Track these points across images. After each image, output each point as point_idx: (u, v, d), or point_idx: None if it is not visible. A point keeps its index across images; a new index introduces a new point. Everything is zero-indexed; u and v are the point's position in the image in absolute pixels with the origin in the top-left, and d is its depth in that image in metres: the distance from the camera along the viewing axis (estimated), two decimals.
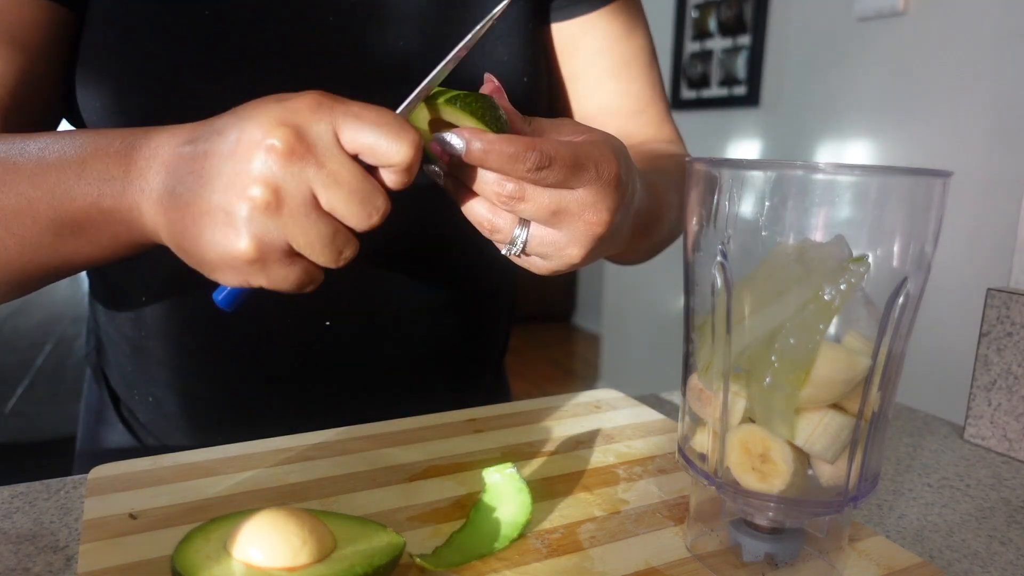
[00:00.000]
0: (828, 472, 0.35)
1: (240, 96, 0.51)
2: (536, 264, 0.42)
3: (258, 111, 0.35)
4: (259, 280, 0.37)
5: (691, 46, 2.41)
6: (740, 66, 2.19)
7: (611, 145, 0.40)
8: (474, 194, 0.40)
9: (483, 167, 0.37)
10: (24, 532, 0.41)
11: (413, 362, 0.62)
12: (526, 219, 0.40)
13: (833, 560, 0.38)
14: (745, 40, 2.17)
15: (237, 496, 0.43)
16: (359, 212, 0.35)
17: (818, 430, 0.34)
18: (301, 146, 0.34)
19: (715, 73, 2.31)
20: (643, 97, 0.67)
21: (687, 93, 2.43)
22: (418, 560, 0.36)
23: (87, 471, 0.47)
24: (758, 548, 0.37)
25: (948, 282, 1.52)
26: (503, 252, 0.41)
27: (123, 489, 0.43)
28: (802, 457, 0.35)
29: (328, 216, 0.35)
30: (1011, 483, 0.53)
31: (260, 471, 0.46)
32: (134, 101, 0.50)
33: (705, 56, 2.34)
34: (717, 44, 2.29)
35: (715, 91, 2.31)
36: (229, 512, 0.38)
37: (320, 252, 0.36)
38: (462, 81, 0.56)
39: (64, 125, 0.57)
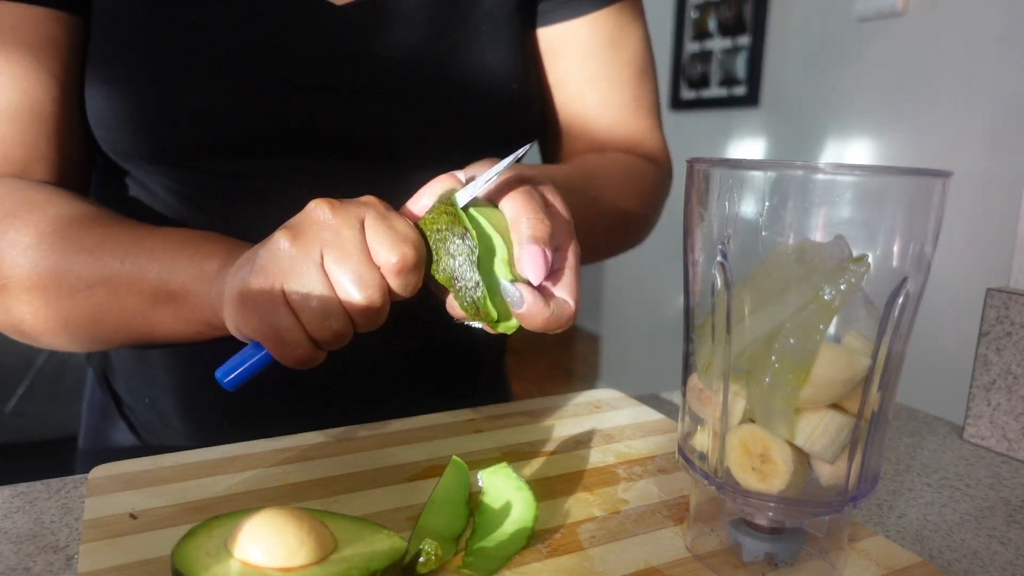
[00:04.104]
0: (828, 472, 0.35)
1: (238, 100, 0.51)
2: None
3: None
4: (252, 322, 0.41)
5: (691, 46, 2.41)
6: (740, 66, 2.19)
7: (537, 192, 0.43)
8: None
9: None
10: (24, 532, 0.41)
11: (412, 361, 0.62)
12: None
13: (833, 560, 0.38)
14: (745, 40, 2.17)
15: (237, 496, 0.43)
16: (348, 283, 0.38)
17: (818, 430, 0.34)
18: (331, 212, 0.39)
19: (715, 73, 2.31)
20: (625, 109, 0.66)
21: (687, 93, 2.43)
22: (466, 572, 0.36)
23: (90, 470, 0.47)
24: (758, 548, 0.38)
25: (948, 282, 1.52)
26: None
27: (123, 489, 0.43)
28: (802, 457, 0.35)
29: (325, 278, 0.39)
30: (1010, 483, 0.53)
31: (260, 471, 0.46)
32: (132, 107, 0.51)
33: (705, 56, 2.34)
34: (717, 44, 2.29)
35: (715, 91, 2.31)
36: (229, 512, 0.38)
37: (305, 307, 0.39)
38: (450, 82, 0.56)
39: None
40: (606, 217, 0.61)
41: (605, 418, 0.57)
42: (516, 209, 0.40)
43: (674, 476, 0.48)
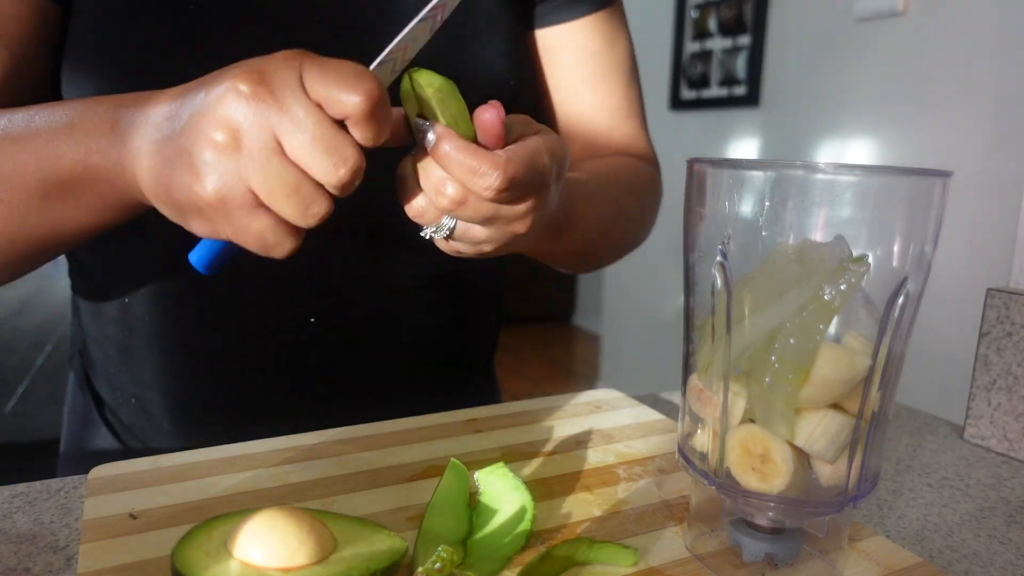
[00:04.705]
0: (828, 472, 0.35)
1: None
2: (452, 247, 0.42)
3: (236, 64, 0.36)
4: (224, 229, 0.36)
5: (691, 46, 2.41)
6: (740, 66, 2.19)
7: (552, 152, 0.40)
8: (416, 180, 0.39)
9: (444, 168, 0.37)
10: (24, 532, 0.41)
11: (399, 361, 0.62)
12: None
13: (833, 560, 0.38)
14: (745, 40, 2.17)
15: (237, 496, 0.43)
16: (324, 161, 0.34)
17: (818, 430, 0.34)
18: (264, 90, 0.34)
19: (715, 73, 2.31)
20: (619, 111, 0.67)
21: (687, 93, 2.43)
22: (467, 573, 0.36)
23: (70, 474, 0.47)
24: (758, 548, 0.37)
25: (948, 282, 1.52)
26: (424, 234, 0.41)
27: (123, 489, 0.43)
28: (802, 457, 0.35)
29: (292, 165, 0.35)
30: (1011, 483, 0.53)
31: (260, 471, 0.46)
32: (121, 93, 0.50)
33: (705, 56, 2.34)
34: (717, 44, 2.29)
35: (715, 91, 2.31)
36: (229, 512, 0.38)
37: (284, 202, 0.35)
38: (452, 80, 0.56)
39: None
40: (617, 209, 0.61)
41: (605, 418, 0.57)
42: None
43: (674, 476, 0.48)
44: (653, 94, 2.44)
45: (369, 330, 0.60)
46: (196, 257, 0.39)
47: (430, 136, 0.37)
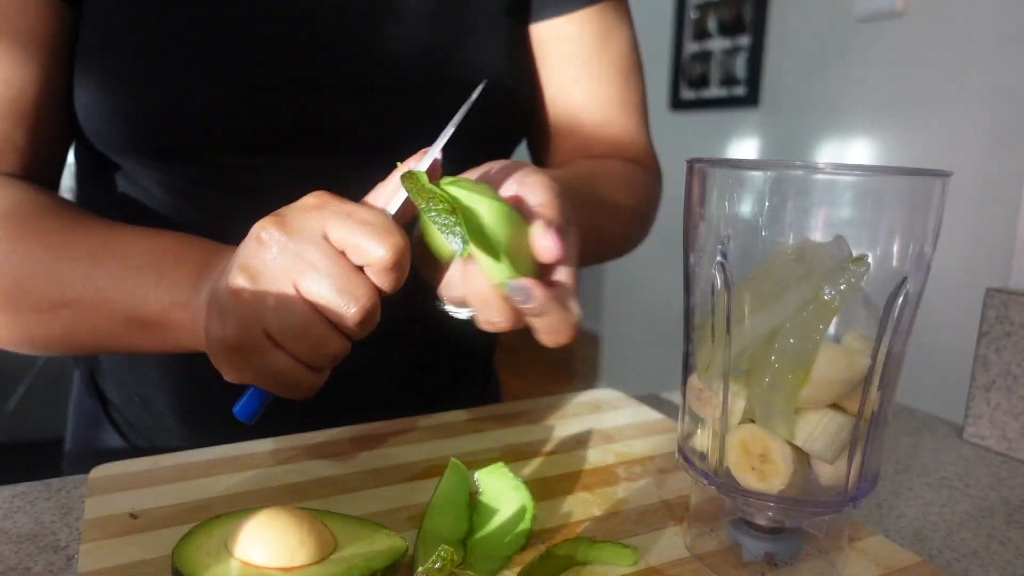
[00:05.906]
0: (828, 472, 0.35)
1: (235, 95, 0.51)
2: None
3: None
4: (246, 373, 0.38)
5: (691, 46, 2.41)
6: (740, 66, 2.19)
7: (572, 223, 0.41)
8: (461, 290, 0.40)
9: (531, 315, 0.38)
10: (25, 532, 0.41)
11: (401, 360, 0.62)
12: None
13: (832, 559, 0.38)
14: (745, 41, 2.17)
15: (237, 496, 0.43)
16: (336, 300, 0.36)
17: (818, 430, 0.34)
18: (283, 235, 0.36)
19: (715, 73, 2.31)
20: (611, 107, 0.66)
21: (687, 93, 2.44)
22: (467, 572, 0.36)
23: (76, 473, 0.47)
24: (758, 548, 0.38)
25: (947, 282, 1.52)
26: (445, 310, 0.43)
27: (124, 489, 0.43)
28: (802, 457, 0.35)
29: (306, 305, 0.36)
30: (1010, 483, 0.53)
31: (260, 471, 0.46)
32: (126, 100, 0.50)
33: (705, 56, 2.34)
34: (717, 44, 2.29)
35: (714, 91, 2.31)
36: (229, 512, 0.38)
37: (296, 342, 0.37)
38: (448, 78, 0.56)
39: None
40: (607, 215, 0.61)
41: (605, 418, 0.57)
42: (535, 192, 0.38)
43: (674, 476, 0.48)
44: (652, 94, 2.43)
45: (373, 337, 0.60)
46: (239, 410, 0.42)
47: (522, 299, 0.37)
